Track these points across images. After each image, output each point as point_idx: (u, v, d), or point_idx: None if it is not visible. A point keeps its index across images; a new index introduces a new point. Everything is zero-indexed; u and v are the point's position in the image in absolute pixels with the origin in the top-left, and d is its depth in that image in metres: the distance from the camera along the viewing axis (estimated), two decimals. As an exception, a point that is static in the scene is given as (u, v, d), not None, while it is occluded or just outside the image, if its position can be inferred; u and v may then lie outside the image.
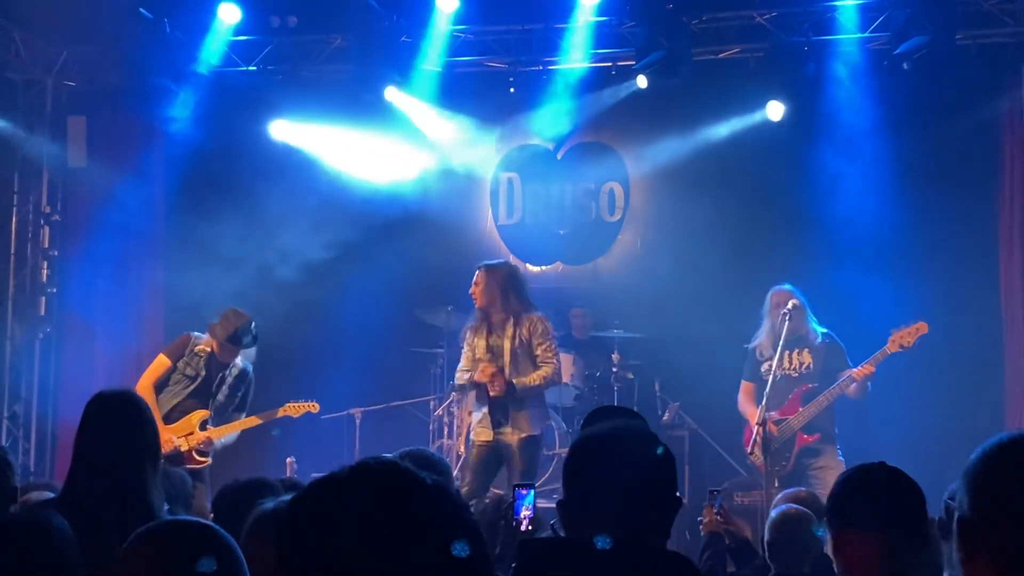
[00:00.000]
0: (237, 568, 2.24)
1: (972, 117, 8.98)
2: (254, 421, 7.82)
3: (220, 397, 7.64)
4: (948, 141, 8.97)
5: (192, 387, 7.55)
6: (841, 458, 7.40)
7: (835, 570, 2.97)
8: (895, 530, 2.78)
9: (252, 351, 7.79)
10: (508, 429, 7.11)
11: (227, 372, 7.68)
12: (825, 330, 7.64)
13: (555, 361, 7.28)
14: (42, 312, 10.35)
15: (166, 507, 3.87)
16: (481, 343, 7.28)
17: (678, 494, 2.53)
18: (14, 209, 10.30)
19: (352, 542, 1.38)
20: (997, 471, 1.80)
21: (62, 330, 10.38)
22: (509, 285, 7.30)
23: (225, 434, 7.66)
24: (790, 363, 7.57)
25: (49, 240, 10.48)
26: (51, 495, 4.50)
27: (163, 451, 7.04)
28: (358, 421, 9.06)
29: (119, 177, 10.03)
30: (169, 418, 7.47)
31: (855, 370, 7.31)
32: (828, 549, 3.37)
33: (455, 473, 7.42)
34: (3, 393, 10.01)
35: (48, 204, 10.46)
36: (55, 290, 10.39)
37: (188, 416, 7.55)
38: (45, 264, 10.44)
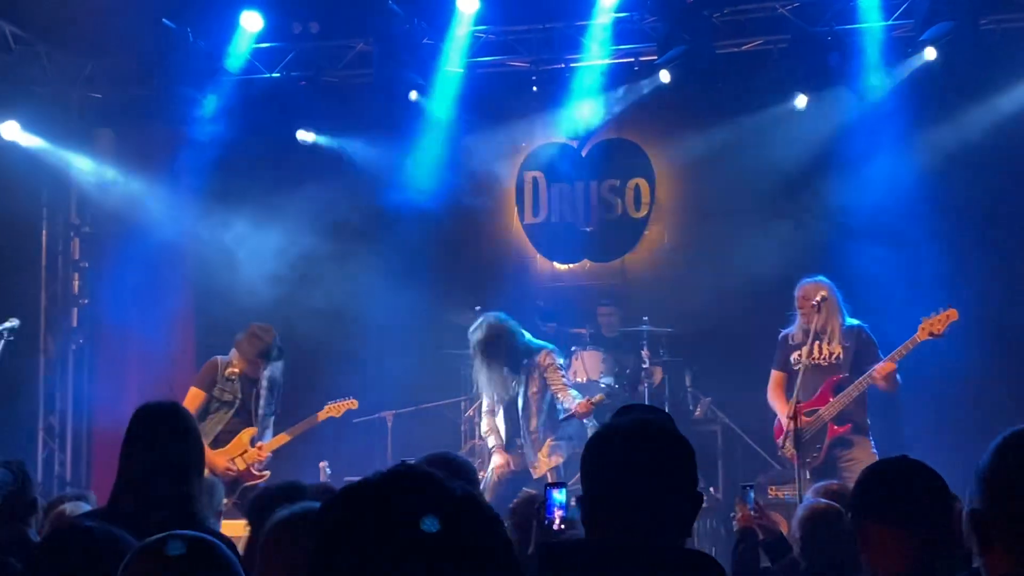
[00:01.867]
0: None
1: (998, 102, 8.91)
2: (300, 430, 8.00)
3: (261, 410, 7.82)
4: (974, 127, 8.90)
5: (234, 410, 7.72)
6: (874, 450, 7.34)
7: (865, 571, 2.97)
8: (918, 523, 2.77)
9: (280, 363, 7.92)
10: None
11: (260, 385, 7.84)
12: (857, 322, 7.60)
13: (567, 388, 7.74)
14: (74, 323, 10.45)
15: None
16: (498, 394, 7.79)
17: (699, 490, 2.49)
18: (44, 222, 10.39)
19: (377, 550, 1.39)
20: (1008, 465, 1.83)
21: (95, 341, 10.47)
22: (497, 340, 7.69)
23: (276, 446, 7.88)
24: (820, 353, 7.53)
25: (80, 252, 10.57)
26: (87, 506, 4.56)
27: (224, 474, 7.26)
28: (390, 424, 9.08)
29: (147, 187, 10.11)
30: (219, 441, 7.62)
31: (877, 366, 7.25)
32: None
33: (481, 475, 7.53)
34: (38, 404, 10.10)
35: (78, 216, 10.55)
36: (87, 301, 10.48)
37: (238, 436, 7.73)
38: (76, 276, 10.53)
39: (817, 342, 7.49)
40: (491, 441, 7.92)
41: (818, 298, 7.34)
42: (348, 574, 1.40)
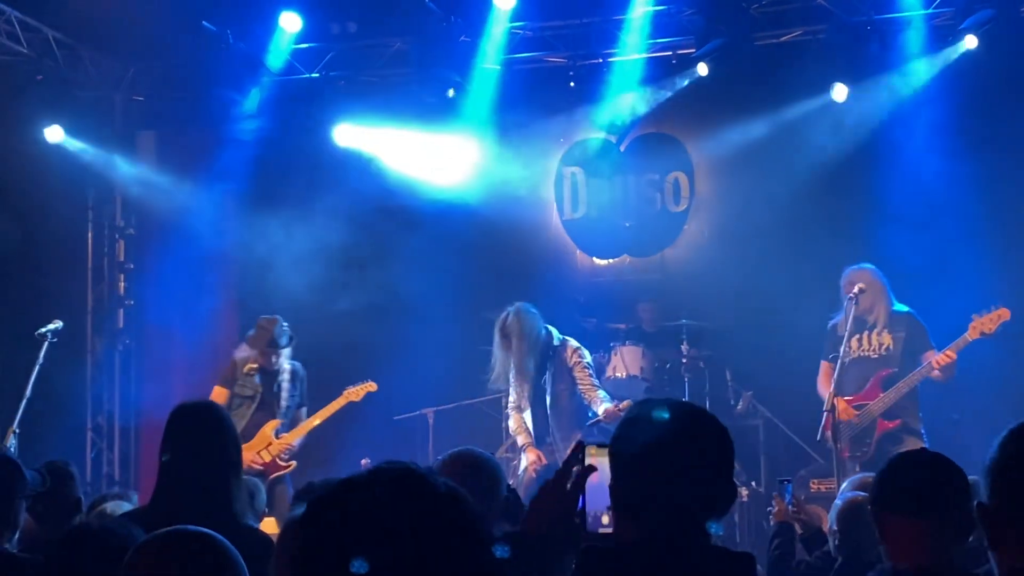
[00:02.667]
0: None
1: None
2: (321, 418, 8.11)
3: (283, 402, 7.94)
4: (1017, 115, 8.78)
5: (255, 404, 7.85)
6: (925, 444, 7.25)
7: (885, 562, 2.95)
8: (936, 514, 2.75)
9: (289, 350, 8.04)
10: None
11: (280, 377, 7.96)
12: (906, 308, 7.50)
13: (596, 390, 7.64)
14: (120, 324, 10.59)
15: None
16: (526, 384, 7.74)
17: (739, 483, 2.44)
18: (89, 224, 10.54)
19: (361, 543, 1.41)
20: (1015, 457, 1.83)
21: (141, 341, 10.61)
22: (520, 330, 7.63)
23: (299, 435, 7.99)
24: (869, 344, 7.45)
25: (125, 253, 10.71)
26: (127, 505, 4.63)
27: (251, 468, 7.36)
28: (431, 421, 9.13)
29: (190, 188, 10.23)
30: (244, 436, 7.67)
31: (936, 356, 7.17)
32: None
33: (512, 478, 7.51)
34: (86, 405, 10.24)
35: (122, 218, 10.68)
36: (132, 302, 10.62)
37: (262, 429, 7.85)
38: (122, 277, 10.67)
39: (865, 332, 7.42)
40: (520, 439, 7.80)
41: (857, 288, 7.28)
42: (329, 566, 1.42)
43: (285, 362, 7.98)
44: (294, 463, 7.89)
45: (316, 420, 8.09)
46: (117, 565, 2.29)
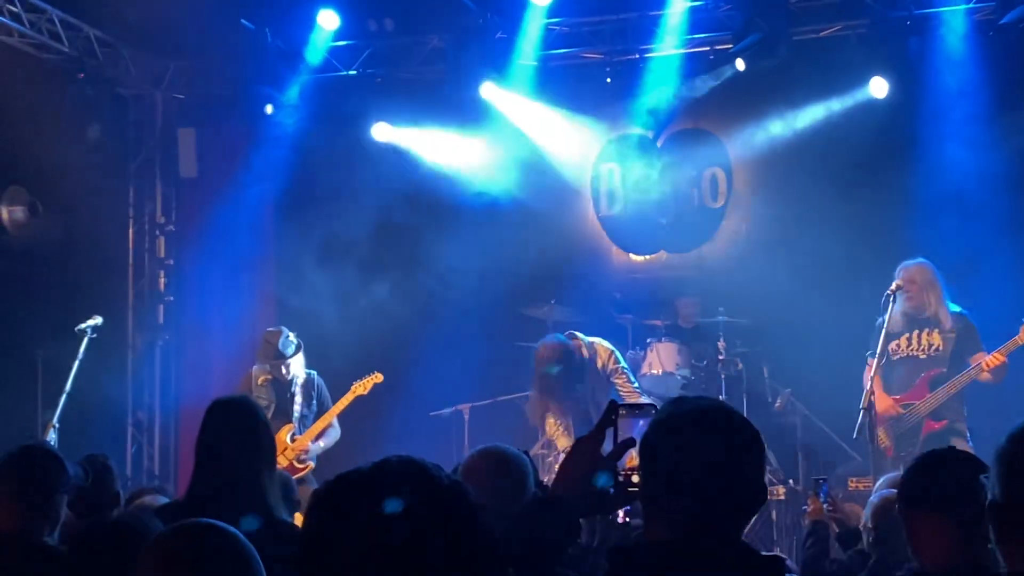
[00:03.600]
0: (246, 572, 2.28)
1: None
2: (331, 415, 8.25)
3: (297, 410, 8.15)
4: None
5: (270, 414, 7.92)
6: (970, 444, 7.17)
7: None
8: (960, 513, 2.72)
9: (301, 357, 8.22)
10: None
11: (293, 387, 8.18)
12: (959, 309, 7.40)
13: (637, 393, 7.60)
14: (160, 320, 10.69)
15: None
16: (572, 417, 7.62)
17: (779, 482, 2.41)
18: (130, 221, 10.64)
19: (363, 535, 1.43)
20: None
21: (180, 337, 10.71)
22: (561, 365, 7.47)
23: (312, 437, 8.16)
24: (919, 344, 7.35)
25: (165, 250, 10.81)
26: (164, 499, 4.68)
27: None
28: (466, 417, 9.15)
29: (229, 185, 10.30)
30: None
31: (987, 358, 7.07)
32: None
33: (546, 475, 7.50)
34: (127, 400, 10.35)
35: (162, 215, 10.79)
36: (172, 298, 10.72)
37: (277, 434, 7.92)
38: (162, 273, 10.78)
39: (917, 331, 7.32)
40: (561, 443, 7.72)
41: (920, 281, 7.18)
42: (334, 561, 1.43)
43: (300, 371, 8.21)
44: (311, 464, 8.09)
45: (327, 418, 8.25)
46: (136, 558, 2.32)
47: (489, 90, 9.63)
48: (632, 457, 2.25)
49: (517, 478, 3.33)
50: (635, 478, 2.22)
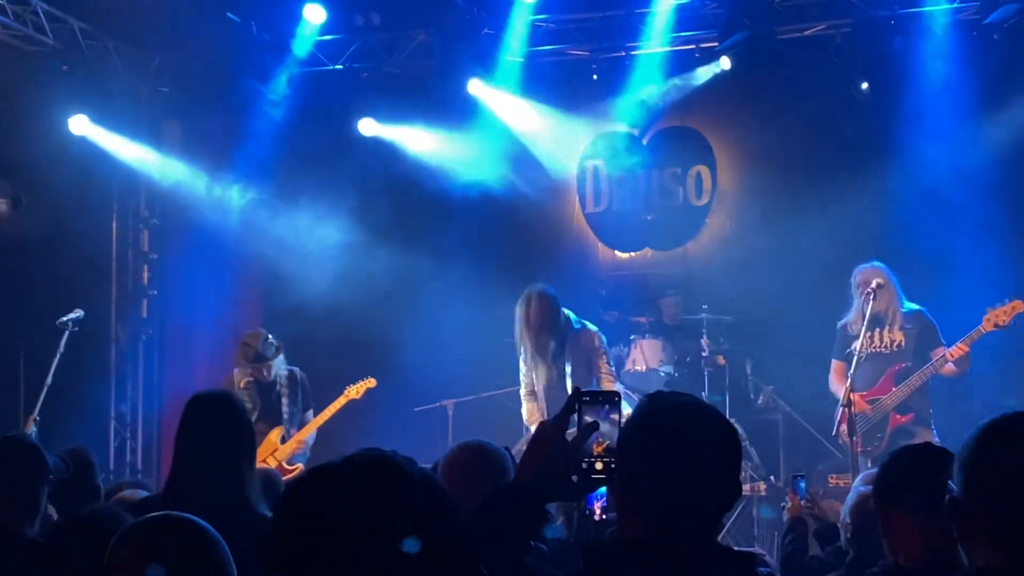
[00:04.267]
0: (217, 567, 2.28)
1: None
2: (323, 419, 8.28)
3: (285, 409, 8.15)
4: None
5: (255, 417, 7.91)
6: (936, 438, 7.26)
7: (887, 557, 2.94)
8: (935, 511, 2.73)
9: (281, 358, 8.22)
10: None
11: (277, 386, 8.18)
12: (916, 307, 7.52)
13: (613, 381, 7.58)
14: (144, 314, 10.66)
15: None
16: (542, 369, 7.56)
17: (760, 477, 2.41)
18: (114, 214, 10.60)
19: (333, 527, 1.43)
20: (986, 452, 1.86)
21: (164, 331, 10.69)
22: (540, 311, 7.49)
23: (304, 437, 8.20)
24: (880, 341, 7.48)
25: (148, 244, 10.77)
26: (144, 493, 4.68)
27: None
28: (451, 412, 9.17)
29: (213, 179, 10.28)
30: None
31: (949, 350, 7.20)
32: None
33: None
34: (109, 394, 10.33)
35: (147, 208, 10.75)
36: (156, 292, 10.68)
37: (267, 437, 8.06)
38: (145, 267, 10.74)
39: (878, 329, 7.45)
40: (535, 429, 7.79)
41: (873, 285, 7.30)
42: (305, 555, 1.44)
43: (281, 370, 8.21)
44: (300, 466, 8.08)
45: (319, 421, 8.27)
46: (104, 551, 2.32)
47: (476, 86, 9.64)
48: (600, 443, 2.24)
49: (497, 472, 3.34)
50: (599, 465, 2.21)
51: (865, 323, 7.28)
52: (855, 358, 7.22)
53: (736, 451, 2.23)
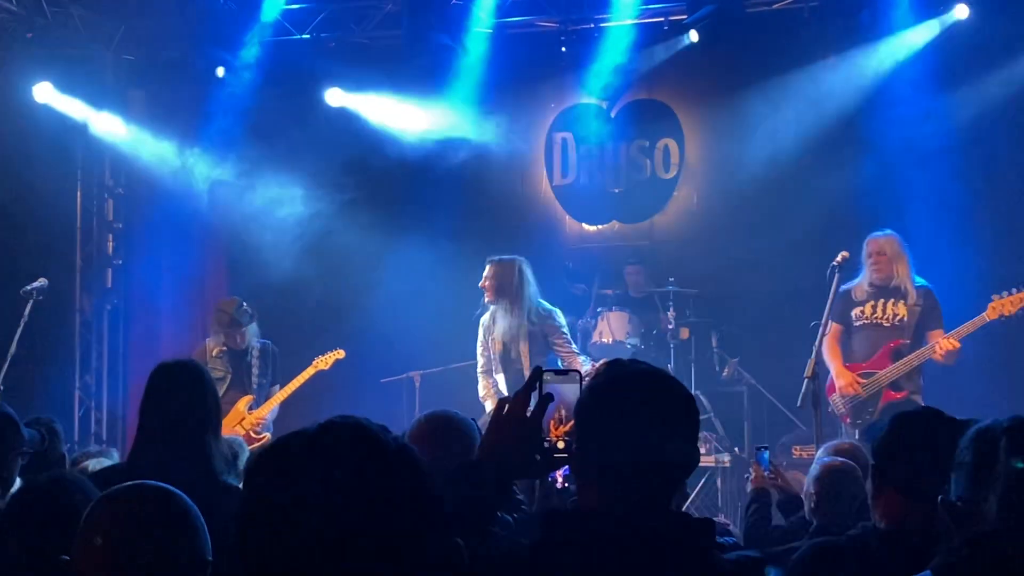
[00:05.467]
0: (191, 536, 2.29)
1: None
2: (291, 389, 8.29)
3: (255, 380, 8.16)
4: (1010, 84, 8.74)
5: (227, 385, 8.00)
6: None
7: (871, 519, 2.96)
8: (932, 486, 2.76)
9: (254, 326, 8.24)
10: None
11: (249, 356, 8.20)
12: (925, 283, 7.39)
13: (576, 355, 7.57)
14: (109, 284, 10.58)
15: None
16: (498, 344, 7.58)
17: (727, 450, 2.43)
18: (78, 183, 10.49)
19: (307, 496, 1.42)
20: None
21: (129, 301, 10.62)
22: (521, 280, 7.51)
23: (270, 408, 8.22)
24: (883, 312, 7.35)
25: (113, 213, 10.69)
26: (108, 462, 4.67)
27: None
28: (417, 384, 9.18)
29: (178, 149, 10.20)
30: None
31: (941, 341, 7.07)
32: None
33: None
34: (74, 364, 10.25)
35: (111, 177, 10.65)
36: (121, 262, 10.61)
37: (235, 406, 8.06)
38: (110, 237, 10.65)
39: (882, 300, 7.35)
40: (488, 406, 7.74)
41: (890, 252, 7.25)
42: (277, 522, 1.43)
43: (254, 341, 8.22)
44: (267, 436, 8.08)
45: (287, 391, 8.29)
46: (68, 521, 2.32)
47: (443, 57, 9.58)
48: (558, 422, 2.25)
49: (464, 443, 3.35)
50: (561, 444, 2.21)
51: (864, 290, 7.24)
52: (858, 328, 7.19)
53: (693, 419, 2.22)
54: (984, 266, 8.10)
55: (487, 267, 7.70)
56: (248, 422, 8.05)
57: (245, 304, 8.22)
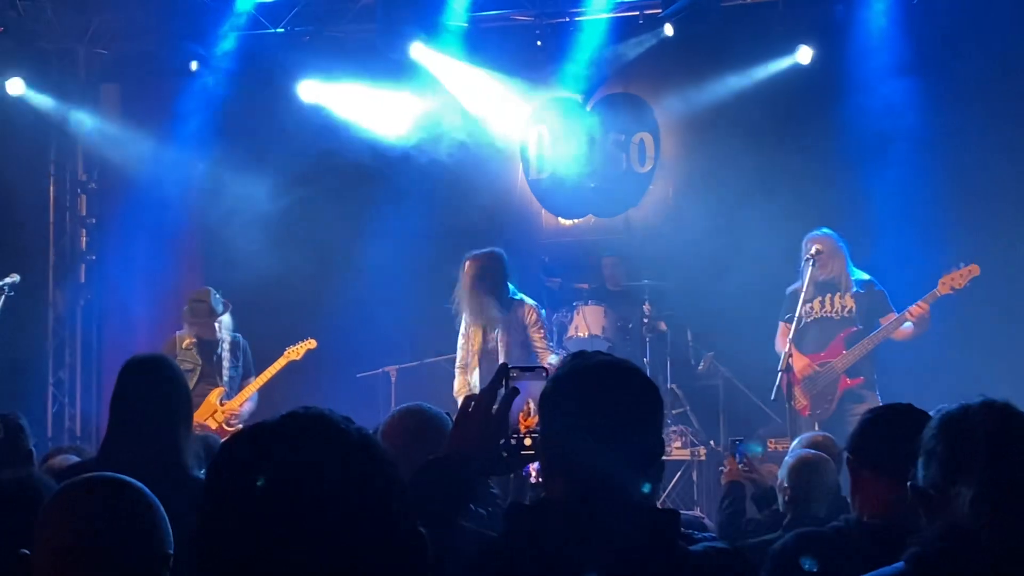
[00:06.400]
0: (149, 528, 2.27)
1: (1008, 51, 8.76)
2: (263, 379, 8.27)
3: (225, 372, 8.14)
4: (985, 75, 8.77)
5: (197, 376, 7.95)
6: (880, 402, 7.37)
7: (851, 512, 2.98)
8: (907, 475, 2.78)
9: (228, 318, 8.23)
10: None
11: (220, 348, 8.16)
12: (866, 276, 7.63)
13: (549, 351, 7.57)
14: (82, 279, 10.52)
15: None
16: (477, 335, 7.57)
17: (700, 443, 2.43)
18: (51, 178, 10.43)
19: (269, 488, 1.41)
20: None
21: (103, 296, 10.56)
22: (500, 271, 7.48)
23: (243, 401, 8.17)
24: (832, 306, 7.58)
25: (87, 208, 10.63)
26: (76, 459, 4.63)
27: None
28: (393, 378, 9.16)
29: (152, 143, 10.15)
30: None
31: (910, 308, 7.31)
32: (846, 492, 3.39)
33: None
34: (48, 360, 10.20)
35: (84, 172, 10.59)
36: (94, 257, 10.55)
37: (207, 398, 8.02)
38: (84, 232, 10.60)
39: (829, 295, 7.56)
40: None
41: (812, 251, 7.38)
42: (239, 514, 1.42)
43: (226, 333, 8.20)
44: (240, 427, 7.95)
45: (259, 382, 8.27)
46: (27, 515, 2.29)
47: (418, 50, 9.56)
48: (527, 418, 2.25)
49: (438, 436, 3.33)
50: (528, 441, 2.22)
51: (810, 288, 7.37)
52: (799, 323, 7.31)
53: (657, 408, 2.22)
54: (934, 252, 8.16)
55: (465, 264, 7.65)
56: (221, 415, 8.01)
57: (219, 294, 8.20)
